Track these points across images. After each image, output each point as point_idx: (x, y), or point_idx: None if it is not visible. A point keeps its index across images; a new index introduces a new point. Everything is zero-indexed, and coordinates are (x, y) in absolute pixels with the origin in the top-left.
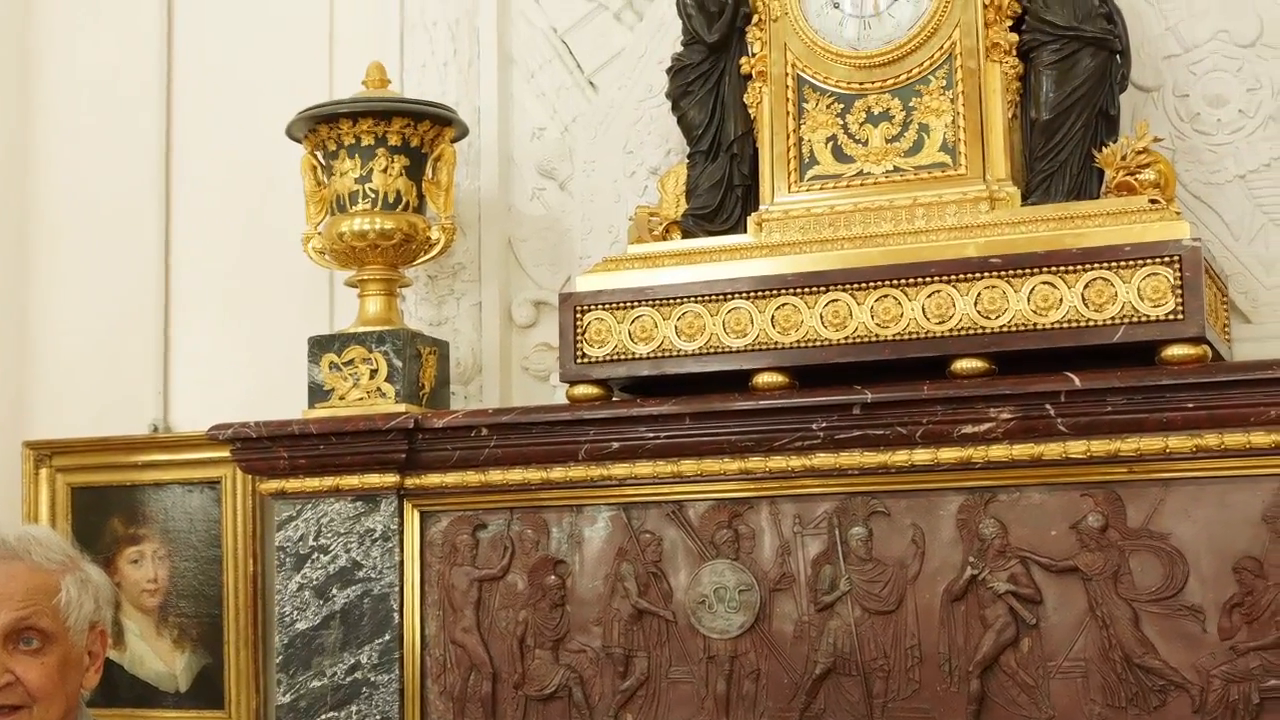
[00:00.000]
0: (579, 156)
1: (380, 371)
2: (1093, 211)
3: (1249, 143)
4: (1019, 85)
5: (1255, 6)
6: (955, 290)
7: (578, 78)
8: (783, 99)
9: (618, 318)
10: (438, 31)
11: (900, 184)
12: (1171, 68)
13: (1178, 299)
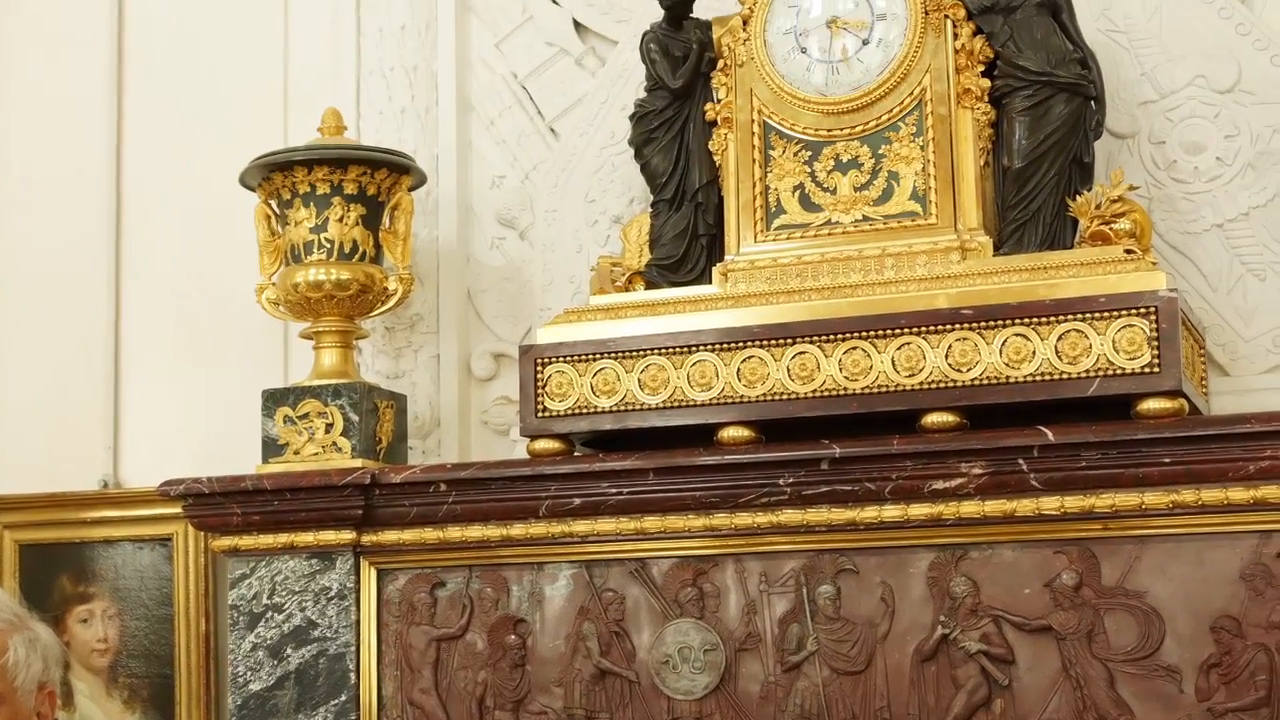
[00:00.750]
0: (540, 205)
1: (336, 426)
2: (1067, 262)
3: (1227, 191)
4: (991, 132)
5: (1233, 52)
6: (925, 342)
7: (538, 124)
8: (749, 146)
9: (579, 371)
10: (395, 78)
11: (869, 233)
12: (1147, 114)
13: (1154, 351)
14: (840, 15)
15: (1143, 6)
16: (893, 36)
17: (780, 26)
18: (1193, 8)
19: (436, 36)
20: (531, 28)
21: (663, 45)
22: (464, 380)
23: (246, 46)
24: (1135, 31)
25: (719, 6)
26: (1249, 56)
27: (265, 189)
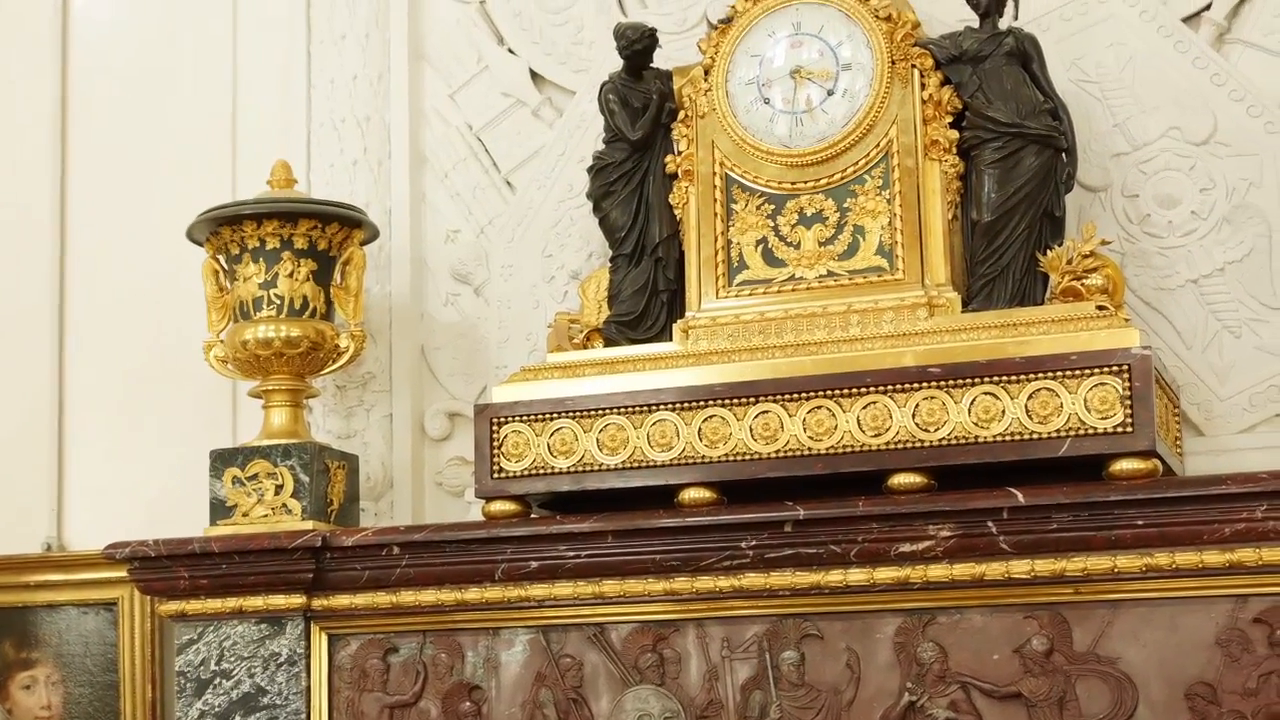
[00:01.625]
0: (495, 260)
1: (286, 487)
2: (1037, 318)
3: (1202, 246)
4: (959, 185)
5: (1208, 103)
6: (892, 401)
7: (494, 177)
8: (710, 199)
9: (536, 430)
10: (347, 129)
11: (834, 289)
12: (1120, 166)
13: (1127, 410)
14: (804, 65)
15: (1115, 56)
16: (858, 87)
17: (742, 77)
18: (1167, 58)
19: (389, 87)
20: (487, 78)
21: (622, 96)
22: (418, 440)
23: (194, 97)
24: (1108, 82)
25: (680, 57)
26: (1224, 108)
27: (213, 243)
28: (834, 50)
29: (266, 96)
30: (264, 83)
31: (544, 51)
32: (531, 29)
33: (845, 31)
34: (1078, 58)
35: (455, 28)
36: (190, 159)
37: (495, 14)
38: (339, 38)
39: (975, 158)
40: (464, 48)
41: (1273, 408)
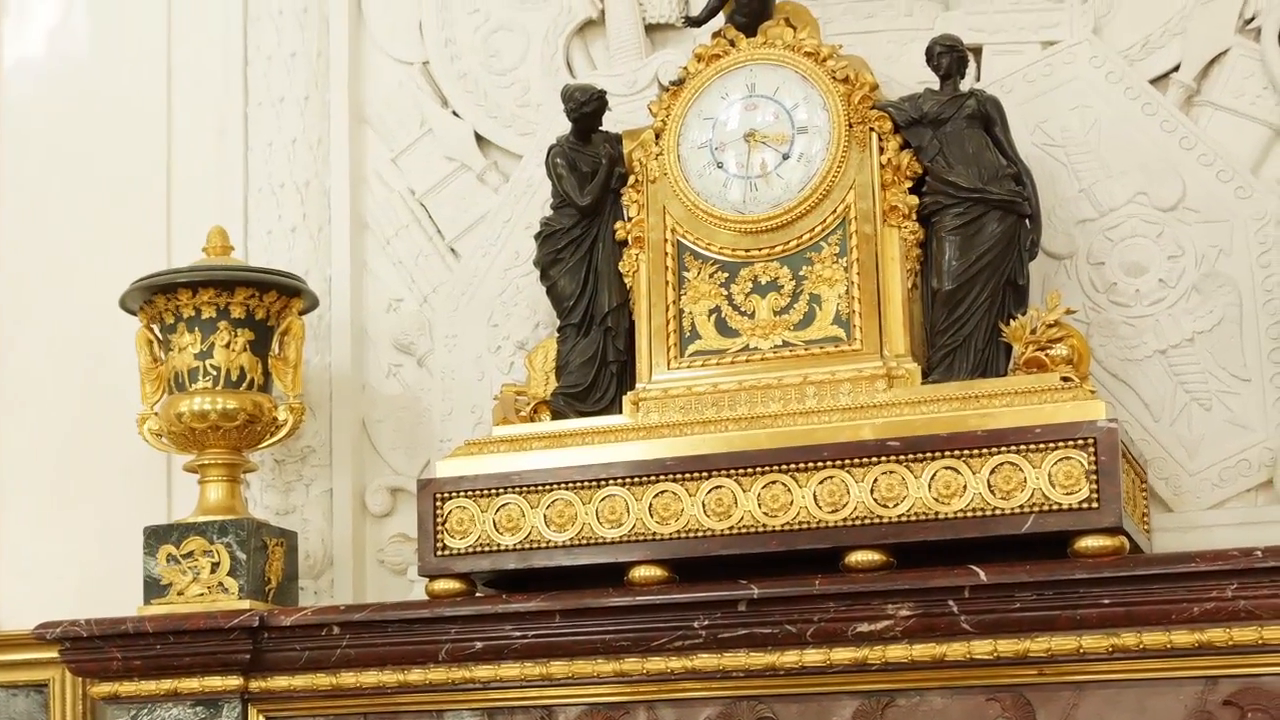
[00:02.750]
0: (439, 330)
1: (223, 565)
2: (999, 390)
3: (1170, 315)
4: (919, 252)
5: (1177, 167)
6: (849, 476)
7: (438, 244)
8: (661, 267)
9: (481, 506)
10: (285, 194)
11: (790, 360)
12: (1086, 233)
13: (1093, 485)
14: (759, 129)
15: (1081, 120)
16: (815, 151)
17: (695, 140)
18: (1134, 121)
19: (329, 151)
20: (430, 141)
21: (569, 160)
22: (359, 516)
23: (127, 161)
24: (1073, 146)
25: (630, 119)
26: (1193, 172)
27: (147, 312)
28: (789, 113)
29: (202, 160)
30: (200, 146)
31: (489, 114)
32: (476, 91)
33: (801, 94)
34: (1042, 121)
35: (397, 90)
36: (123, 224)
37: (439, 75)
38: (277, 100)
39: (936, 224)
40: (406, 110)
41: (1243, 482)
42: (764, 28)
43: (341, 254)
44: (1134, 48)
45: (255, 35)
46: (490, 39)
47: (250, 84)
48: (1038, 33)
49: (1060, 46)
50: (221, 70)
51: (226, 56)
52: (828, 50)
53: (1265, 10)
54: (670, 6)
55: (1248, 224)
